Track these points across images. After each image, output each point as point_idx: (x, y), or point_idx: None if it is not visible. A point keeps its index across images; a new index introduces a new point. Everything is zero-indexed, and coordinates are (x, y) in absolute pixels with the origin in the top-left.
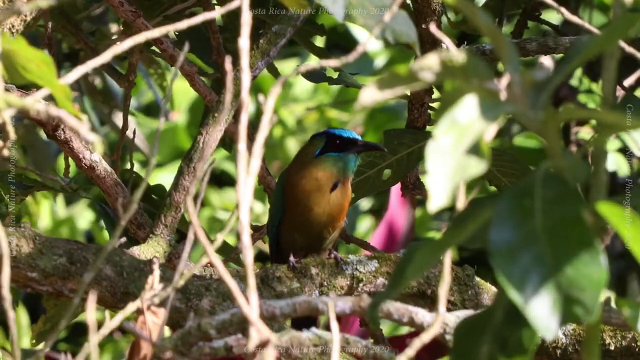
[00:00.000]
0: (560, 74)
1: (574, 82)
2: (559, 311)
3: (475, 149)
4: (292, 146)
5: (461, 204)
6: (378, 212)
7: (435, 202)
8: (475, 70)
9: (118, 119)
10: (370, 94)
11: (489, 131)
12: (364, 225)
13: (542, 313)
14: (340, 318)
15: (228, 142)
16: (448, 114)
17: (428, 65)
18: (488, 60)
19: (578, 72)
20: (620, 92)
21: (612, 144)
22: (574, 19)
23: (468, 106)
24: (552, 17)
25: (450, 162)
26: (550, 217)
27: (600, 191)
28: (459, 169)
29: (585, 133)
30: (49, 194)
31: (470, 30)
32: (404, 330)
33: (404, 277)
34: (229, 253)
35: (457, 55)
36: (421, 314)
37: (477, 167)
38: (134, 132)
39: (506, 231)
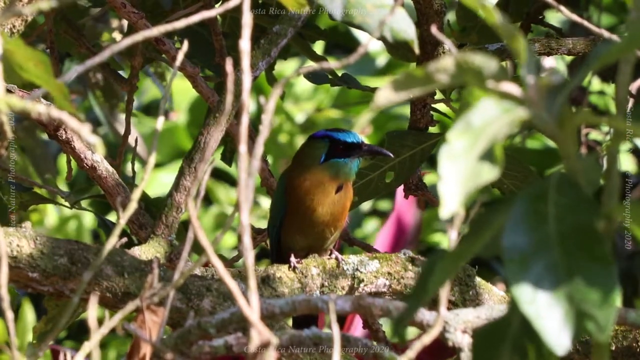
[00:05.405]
0: (577, 78)
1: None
2: (571, 326)
3: (489, 154)
4: (300, 144)
5: (461, 209)
6: (384, 213)
7: (448, 207)
8: (490, 72)
9: (117, 119)
10: (386, 95)
11: (503, 135)
12: (370, 226)
13: (554, 327)
14: (341, 317)
15: (228, 155)
16: (462, 117)
17: (444, 66)
18: None
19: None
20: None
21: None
22: (574, 17)
23: (483, 109)
24: (555, 17)
25: (463, 167)
26: (563, 224)
27: (613, 195)
28: (472, 175)
29: (596, 135)
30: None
31: (473, 42)
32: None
33: (427, 289)
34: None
35: (473, 56)
36: (421, 312)
37: (491, 172)
38: (136, 140)
39: (519, 236)
